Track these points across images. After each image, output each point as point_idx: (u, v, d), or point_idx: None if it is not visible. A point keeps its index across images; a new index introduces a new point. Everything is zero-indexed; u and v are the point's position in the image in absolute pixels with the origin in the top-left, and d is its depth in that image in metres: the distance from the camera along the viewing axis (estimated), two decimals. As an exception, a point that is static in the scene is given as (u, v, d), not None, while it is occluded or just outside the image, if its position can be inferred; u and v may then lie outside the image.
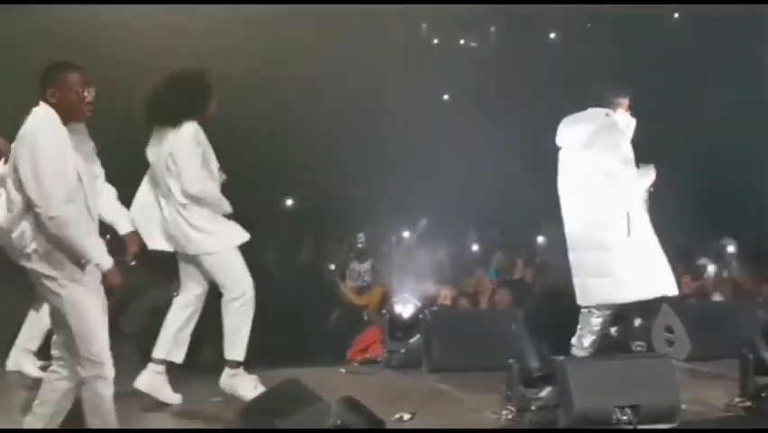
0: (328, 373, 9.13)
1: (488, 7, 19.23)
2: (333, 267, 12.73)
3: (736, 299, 11.08)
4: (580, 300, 8.00)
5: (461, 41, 22.01)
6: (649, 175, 8.07)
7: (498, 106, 18.39)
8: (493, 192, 16.20)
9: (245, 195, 8.07)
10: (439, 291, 11.35)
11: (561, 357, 7.51)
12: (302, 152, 15.83)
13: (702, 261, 12.80)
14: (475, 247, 14.53)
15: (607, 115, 7.96)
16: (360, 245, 12.76)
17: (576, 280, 7.99)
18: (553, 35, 21.78)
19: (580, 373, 7.19)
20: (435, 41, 21.72)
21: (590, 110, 8.02)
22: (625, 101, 8.12)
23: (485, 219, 16.83)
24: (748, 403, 7.69)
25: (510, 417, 7.26)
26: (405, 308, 9.21)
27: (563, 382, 7.12)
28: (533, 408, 7.15)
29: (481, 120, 17.98)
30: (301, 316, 11.44)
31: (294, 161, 15.82)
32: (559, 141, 8.08)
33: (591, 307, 7.97)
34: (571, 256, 8.03)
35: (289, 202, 17.25)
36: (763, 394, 7.67)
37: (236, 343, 7.49)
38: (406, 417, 7.25)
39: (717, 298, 11.50)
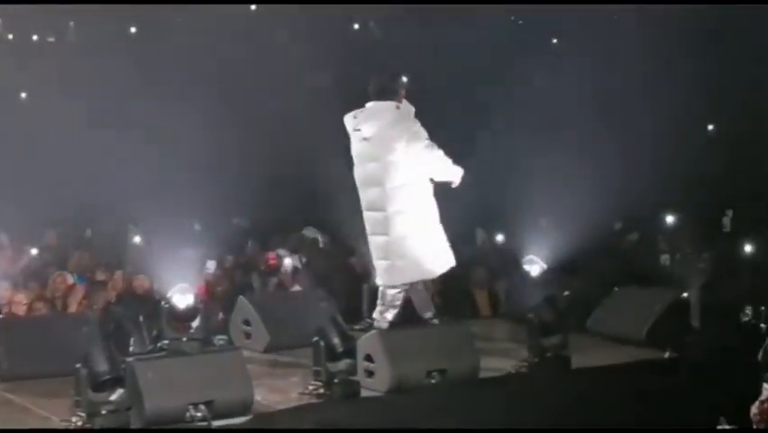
0: None
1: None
2: None
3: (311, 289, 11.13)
4: (378, 280, 8.52)
5: (35, 37, 21.39)
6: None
7: (78, 102, 17.93)
8: (77, 190, 15.71)
9: None
10: (12, 296, 10.79)
11: (130, 358, 7.35)
12: None
13: (280, 252, 12.93)
14: (34, 250, 13.79)
15: (398, 107, 8.44)
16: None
17: (376, 263, 8.52)
18: (133, 29, 21.61)
19: (151, 373, 7.12)
20: (10, 36, 20.99)
21: (380, 104, 8.44)
22: (402, 90, 8.58)
23: (65, 219, 16.27)
24: (322, 390, 7.86)
25: (80, 423, 7.01)
26: (-33, 317, 8.67)
27: (133, 383, 7.04)
28: (103, 412, 6.94)
29: (62, 116, 17.46)
30: None
31: None
32: (356, 134, 8.44)
33: (389, 285, 8.47)
34: (371, 240, 8.52)
35: None
36: (336, 380, 7.86)
37: None
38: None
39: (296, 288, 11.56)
